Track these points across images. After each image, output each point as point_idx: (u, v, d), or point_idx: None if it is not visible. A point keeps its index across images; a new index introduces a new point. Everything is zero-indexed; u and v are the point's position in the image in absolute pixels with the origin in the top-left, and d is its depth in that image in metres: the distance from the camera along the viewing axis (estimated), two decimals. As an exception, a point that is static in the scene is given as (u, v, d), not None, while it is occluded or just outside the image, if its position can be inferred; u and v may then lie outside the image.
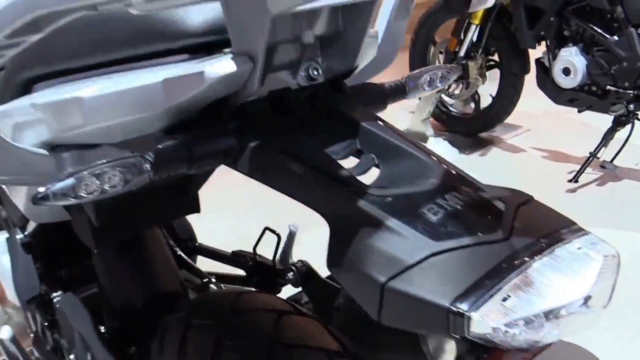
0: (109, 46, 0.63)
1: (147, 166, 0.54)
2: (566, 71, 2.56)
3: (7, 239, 1.35)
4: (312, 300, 1.12)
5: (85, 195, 0.52)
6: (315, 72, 0.62)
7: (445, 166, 0.55)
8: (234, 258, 1.32)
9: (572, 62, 2.54)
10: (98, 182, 0.52)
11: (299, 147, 0.57)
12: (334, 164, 0.55)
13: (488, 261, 0.46)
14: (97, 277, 1.27)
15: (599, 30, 2.47)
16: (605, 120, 2.57)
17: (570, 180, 2.55)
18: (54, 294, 1.26)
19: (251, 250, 1.29)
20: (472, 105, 3.12)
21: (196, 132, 0.58)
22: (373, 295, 0.47)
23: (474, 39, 2.92)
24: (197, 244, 1.46)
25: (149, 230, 1.15)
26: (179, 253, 1.41)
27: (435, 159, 0.56)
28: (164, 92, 0.55)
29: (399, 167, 0.57)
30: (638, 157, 2.66)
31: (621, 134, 2.53)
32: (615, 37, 2.42)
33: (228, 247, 1.45)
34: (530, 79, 2.86)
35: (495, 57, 3.02)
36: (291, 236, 1.23)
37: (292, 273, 1.11)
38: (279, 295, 1.16)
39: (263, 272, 1.25)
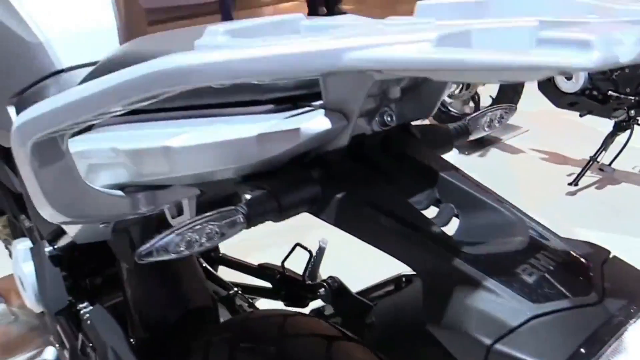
0: (190, 92, 0.64)
1: (241, 218, 0.55)
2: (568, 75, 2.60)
3: (31, 249, 1.35)
4: (342, 316, 1.13)
5: (184, 250, 0.53)
6: (389, 119, 0.64)
7: (528, 220, 0.57)
8: (261, 271, 1.33)
9: (574, 66, 2.57)
10: (197, 237, 0.53)
11: (385, 199, 0.58)
12: (423, 217, 0.57)
13: (587, 326, 0.48)
14: (124, 289, 1.27)
15: (602, 36, 2.50)
16: (603, 122, 2.62)
17: (570, 184, 2.59)
18: (80, 305, 1.27)
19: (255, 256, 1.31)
20: (472, 105, 3.15)
21: (282, 181, 0.59)
22: (477, 356, 0.49)
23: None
24: (220, 255, 1.47)
25: None
26: (204, 265, 1.42)
27: (516, 212, 0.58)
28: (257, 146, 0.56)
29: (481, 220, 0.59)
30: (636, 161, 2.71)
31: (620, 137, 2.57)
32: (618, 43, 2.46)
33: (230, 248, 1.46)
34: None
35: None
36: (320, 251, 1.24)
37: (323, 289, 1.13)
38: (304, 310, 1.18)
39: (291, 286, 1.26)
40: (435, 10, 0.58)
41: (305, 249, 1.22)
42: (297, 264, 1.24)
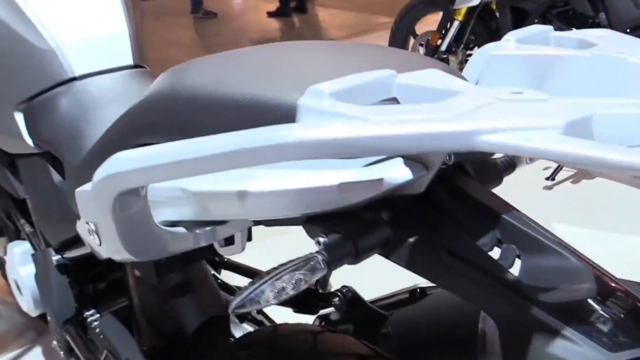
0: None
1: (322, 264, 0.57)
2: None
3: (33, 255, 1.33)
4: (354, 325, 1.15)
5: (272, 300, 0.55)
6: (448, 157, 0.65)
7: (590, 265, 0.60)
8: None
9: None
10: (285, 285, 0.55)
11: (458, 245, 0.60)
12: (495, 263, 0.59)
13: None
14: (132, 297, 1.27)
15: (581, 35, 2.56)
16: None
17: (547, 178, 2.67)
18: (87, 313, 1.26)
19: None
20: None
21: (357, 225, 0.60)
22: (560, 405, 0.51)
23: (456, 35, 2.99)
24: (225, 260, 1.47)
25: None
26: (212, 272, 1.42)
27: (578, 255, 0.61)
28: (337, 194, 0.57)
29: (543, 263, 0.61)
30: (609, 156, 2.80)
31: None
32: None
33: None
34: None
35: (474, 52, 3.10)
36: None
37: (337, 298, 1.15)
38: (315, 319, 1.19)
39: (302, 294, 1.27)
40: (507, 62, 0.60)
41: (319, 257, 1.23)
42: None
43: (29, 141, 1.13)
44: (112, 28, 1.16)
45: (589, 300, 0.56)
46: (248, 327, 1.35)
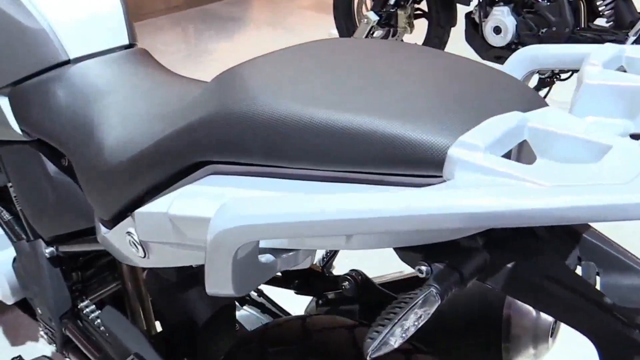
0: (333, 159, 0.60)
1: (437, 297, 0.58)
2: (497, 30, 2.71)
3: (15, 243, 1.27)
4: (361, 306, 1.17)
5: (400, 340, 0.56)
6: None
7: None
8: None
9: (503, 21, 2.69)
10: (410, 324, 0.56)
11: (547, 266, 0.62)
12: (589, 286, 0.62)
13: None
14: (127, 285, 1.24)
15: (531, -7, 2.63)
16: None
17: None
18: (82, 304, 1.22)
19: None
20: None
21: (458, 253, 0.61)
22: None
23: (405, -12, 2.98)
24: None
25: None
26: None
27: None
28: (450, 232, 0.58)
29: (624, 281, 0.64)
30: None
31: (541, 91, 2.75)
32: (546, 2, 2.59)
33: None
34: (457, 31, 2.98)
35: (423, 7, 3.10)
36: (337, 245, 1.26)
37: (347, 282, 1.16)
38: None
39: (308, 277, 1.27)
40: (601, 92, 0.62)
41: (327, 242, 1.23)
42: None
43: (16, 128, 1.05)
44: (106, 5, 1.08)
45: None
46: (249, 310, 1.35)
